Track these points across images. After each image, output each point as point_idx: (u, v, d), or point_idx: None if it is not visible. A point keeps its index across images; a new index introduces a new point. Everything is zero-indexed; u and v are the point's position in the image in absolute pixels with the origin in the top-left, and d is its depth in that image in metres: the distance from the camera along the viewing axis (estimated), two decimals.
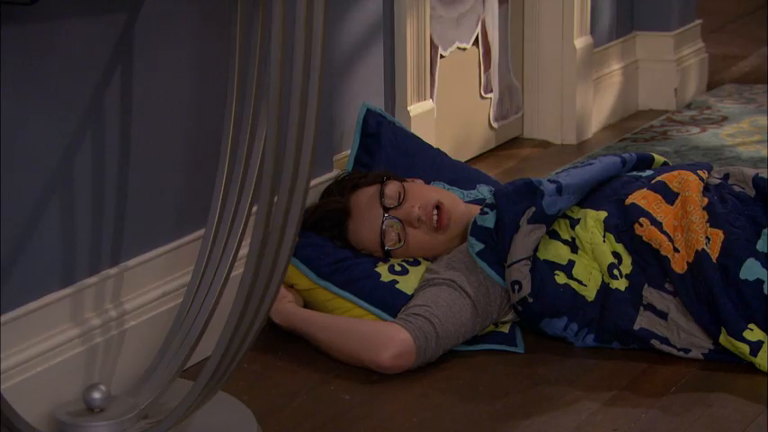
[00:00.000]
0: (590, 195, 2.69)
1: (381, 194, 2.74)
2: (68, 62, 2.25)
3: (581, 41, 3.97)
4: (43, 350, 2.24)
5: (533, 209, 2.62)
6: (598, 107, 4.11)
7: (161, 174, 2.48)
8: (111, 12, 2.31)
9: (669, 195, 2.63)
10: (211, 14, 2.52)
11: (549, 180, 2.67)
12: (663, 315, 2.57)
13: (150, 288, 2.48)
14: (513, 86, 3.96)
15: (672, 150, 3.85)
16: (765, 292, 2.51)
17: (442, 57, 3.60)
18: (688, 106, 4.32)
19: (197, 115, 2.54)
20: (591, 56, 4.02)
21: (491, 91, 3.85)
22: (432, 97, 3.49)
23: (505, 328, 2.66)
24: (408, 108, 3.34)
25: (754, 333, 2.50)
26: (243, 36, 2.26)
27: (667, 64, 4.31)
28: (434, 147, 3.19)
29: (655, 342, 2.57)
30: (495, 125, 3.89)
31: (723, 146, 3.89)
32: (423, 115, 3.39)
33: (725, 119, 4.16)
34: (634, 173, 2.77)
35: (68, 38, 2.24)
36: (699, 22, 4.49)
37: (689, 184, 2.64)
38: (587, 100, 4.03)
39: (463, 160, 3.72)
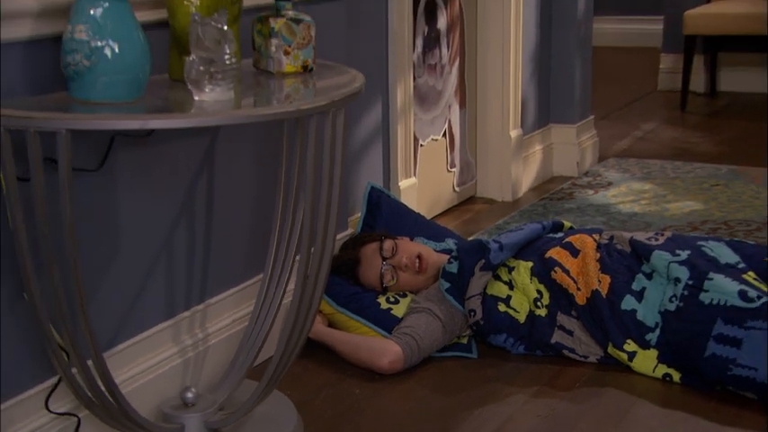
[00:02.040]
0: (521, 250, 2.66)
1: (381, 248, 2.72)
2: (170, 170, 2.24)
3: (514, 132, 3.95)
4: (152, 364, 2.23)
5: (483, 260, 2.59)
6: (526, 175, 4.09)
7: (232, 238, 2.46)
8: (198, 137, 2.30)
9: (574, 251, 2.61)
10: (265, 136, 2.50)
11: (494, 240, 2.65)
12: (570, 333, 2.55)
13: (226, 316, 2.46)
14: (470, 162, 3.94)
15: (575, 206, 3.81)
16: (637, 317, 2.48)
17: (421, 146, 3.58)
18: (585, 174, 4.29)
19: (256, 199, 2.52)
20: (521, 141, 4.01)
21: (455, 166, 3.83)
22: (414, 175, 3.47)
23: (465, 341, 2.63)
24: (399, 183, 3.32)
25: (630, 346, 2.47)
26: (288, 146, 2.25)
27: (572, 146, 4.29)
28: (416, 211, 3.16)
29: (565, 351, 2.55)
30: (457, 189, 3.87)
31: (609, 204, 3.85)
32: (409, 188, 3.37)
33: (610, 184, 4.12)
34: (551, 235, 2.75)
35: (170, 155, 2.23)
36: (592, 117, 4.46)
37: (587, 243, 2.62)
38: (519, 171, 4.00)
39: (436, 214, 3.72)
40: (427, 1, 3.55)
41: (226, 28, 1.80)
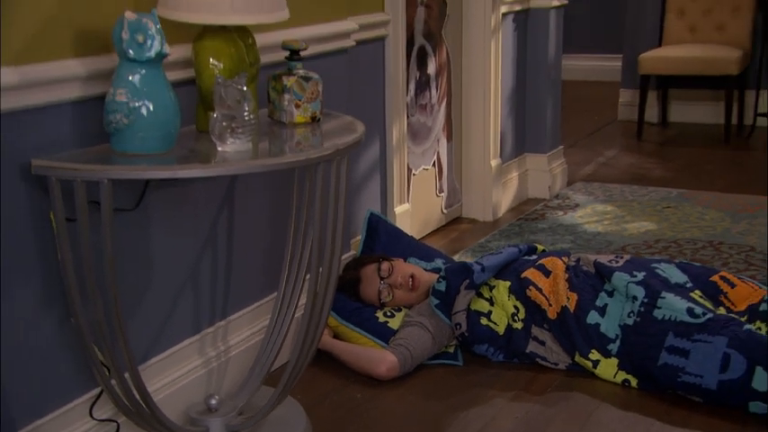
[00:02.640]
0: (501, 271, 2.65)
1: (379, 269, 2.71)
2: (196, 207, 2.23)
3: (494, 161, 3.94)
4: (180, 374, 2.22)
5: (468, 280, 2.58)
6: (505, 198, 4.08)
7: (249, 262, 2.46)
8: (219, 179, 2.29)
9: (546, 272, 2.60)
10: (279, 177, 2.48)
11: (476, 262, 2.64)
12: (543, 343, 2.54)
13: (244, 330, 2.45)
14: (456, 188, 3.94)
15: (547, 226, 3.79)
16: (600, 330, 2.48)
17: (414, 175, 3.57)
18: (556, 197, 4.27)
19: (270, 228, 2.51)
20: (500, 169, 4.00)
21: (443, 191, 3.82)
22: (408, 201, 3.46)
23: (452, 350, 2.62)
24: (395, 209, 3.31)
25: (594, 354, 2.47)
26: (299, 185, 2.25)
27: (544, 172, 4.28)
28: (409, 234, 3.14)
29: (538, 359, 2.54)
30: (445, 211, 3.86)
31: (576, 224, 3.83)
32: (403, 213, 3.36)
33: (577, 205, 4.10)
34: (526, 257, 2.74)
35: (197, 195, 2.22)
36: (561, 147, 4.45)
37: (557, 265, 2.62)
38: (499, 194, 4.00)
39: (426, 233, 3.70)
40: (419, 49, 3.55)
41: (245, 89, 1.80)
